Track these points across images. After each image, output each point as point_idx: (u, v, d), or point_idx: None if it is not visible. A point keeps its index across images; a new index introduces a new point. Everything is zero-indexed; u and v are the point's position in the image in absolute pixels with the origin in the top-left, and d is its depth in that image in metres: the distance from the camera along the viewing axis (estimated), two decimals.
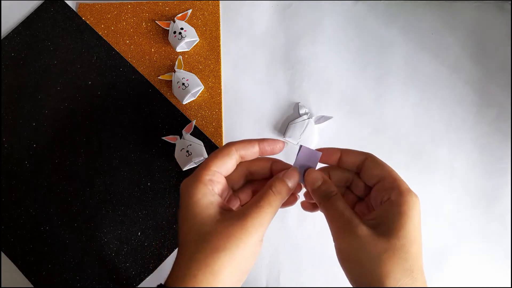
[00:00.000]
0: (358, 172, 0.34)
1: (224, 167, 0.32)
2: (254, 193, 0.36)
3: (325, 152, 0.34)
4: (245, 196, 0.35)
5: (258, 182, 0.36)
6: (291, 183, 0.31)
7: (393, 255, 0.27)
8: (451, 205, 0.47)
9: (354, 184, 0.34)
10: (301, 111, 0.48)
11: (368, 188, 0.33)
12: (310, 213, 0.38)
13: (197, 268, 0.27)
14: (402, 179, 0.31)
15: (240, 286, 0.30)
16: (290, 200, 0.35)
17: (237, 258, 0.27)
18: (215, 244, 0.27)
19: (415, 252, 0.27)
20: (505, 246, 0.46)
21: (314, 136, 0.47)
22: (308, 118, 0.47)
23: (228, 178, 0.33)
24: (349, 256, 0.29)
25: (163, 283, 0.29)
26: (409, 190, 0.29)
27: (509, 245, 0.46)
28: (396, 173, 0.31)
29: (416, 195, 0.30)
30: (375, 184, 0.32)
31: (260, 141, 0.34)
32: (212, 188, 0.30)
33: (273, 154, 0.34)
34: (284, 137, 0.48)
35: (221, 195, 0.31)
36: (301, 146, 0.34)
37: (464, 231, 0.46)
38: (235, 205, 0.35)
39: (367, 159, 0.32)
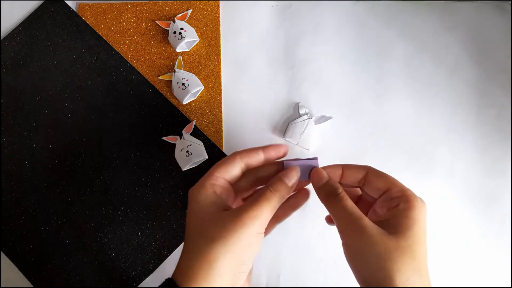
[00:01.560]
0: (360, 186, 0.35)
1: (228, 173, 0.33)
2: None
3: (327, 169, 0.35)
4: None
5: None
6: (289, 180, 0.32)
7: (403, 254, 0.27)
8: (451, 205, 0.47)
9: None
10: (301, 111, 0.48)
11: (372, 199, 0.34)
12: (310, 213, 0.38)
13: (192, 258, 0.28)
14: (407, 187, 0.32)
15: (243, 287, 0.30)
16: (299, 199, 0.37)
17: (232, 247, 0.28)
18: (210, 234, 0.29)
19: (421, 253, 0.28)
20: (505, 246, 0.46)
21: (314, 136, 0.47)
22: (308, 118, 0.47)
23: (236, 186, 0.34)
24: (358, 253, 0.29)
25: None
26: (415, 196, 0.31)
27: (509, 245, 0.46)
28: (400, 182, 0.32)
29: (422, 201, 0.31)
30: (381, 195, 0.32)
31: (264, 148, 0.35)
32: (214, 191, 0.31)
33: (278, 158, 0.36)
34: (284, 137, 0.48)
35: (225, 199, 0.32)
36: (283, 162, 0.35)
37: (464, 231, 0.46)
38: None
39: (368, 173, 0.33)
